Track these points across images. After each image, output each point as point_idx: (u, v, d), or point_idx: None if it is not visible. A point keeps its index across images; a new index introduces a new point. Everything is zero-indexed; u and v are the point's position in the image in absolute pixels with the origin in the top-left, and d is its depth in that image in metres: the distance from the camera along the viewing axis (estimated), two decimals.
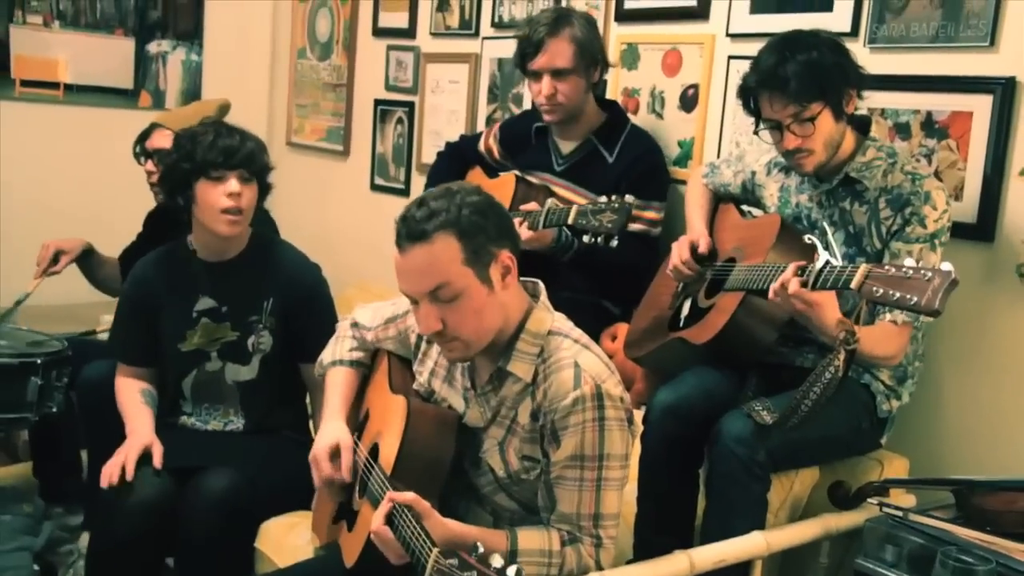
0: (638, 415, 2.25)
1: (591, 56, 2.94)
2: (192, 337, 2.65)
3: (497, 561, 1.47)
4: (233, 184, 2.53)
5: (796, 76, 2.21)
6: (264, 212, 2.87)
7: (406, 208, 1.85)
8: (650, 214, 2.94)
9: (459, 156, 3.39)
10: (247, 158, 2.55)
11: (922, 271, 1.81)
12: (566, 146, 3.09)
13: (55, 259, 3.25)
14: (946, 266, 1.81)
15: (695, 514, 2.37)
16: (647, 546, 2.28)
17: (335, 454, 2.09)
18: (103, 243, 3.46)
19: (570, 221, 2.66)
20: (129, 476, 2.41)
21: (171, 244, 2.76)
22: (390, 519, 1.75)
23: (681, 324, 2.54)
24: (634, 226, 2.89)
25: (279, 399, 2.71)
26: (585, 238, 2.64)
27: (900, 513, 2.10)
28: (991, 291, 2.45)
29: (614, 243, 2.61)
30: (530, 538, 1.84)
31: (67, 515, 3.22)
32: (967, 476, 2.24)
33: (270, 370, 2.67)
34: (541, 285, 2.00)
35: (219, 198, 2.53)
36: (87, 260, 3.35)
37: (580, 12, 3.03)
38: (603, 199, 2.64)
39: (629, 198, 2.60)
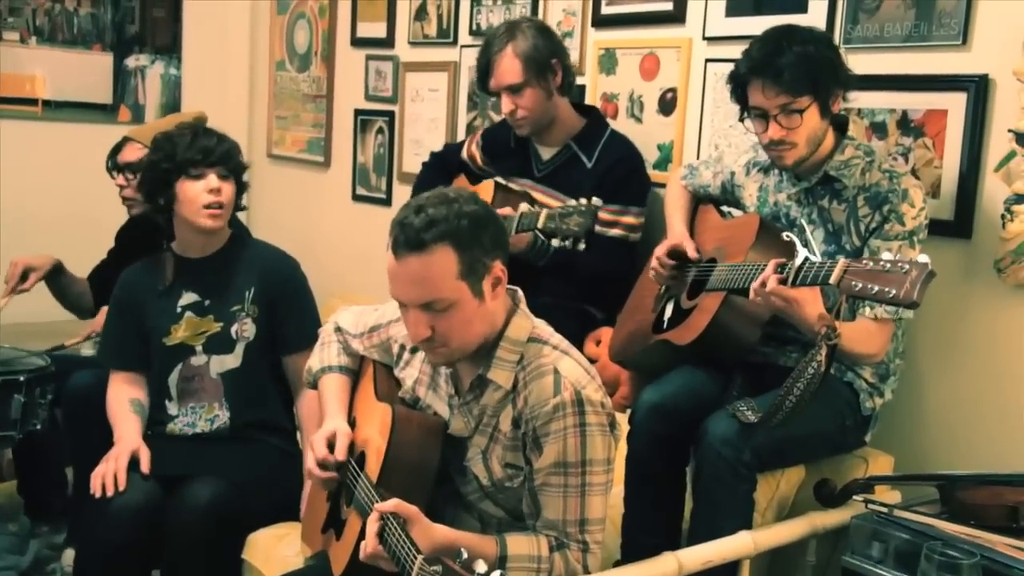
0: (622, 418, 2.26)
1: (541, 65, 2.91)
2: (176, 331, 2.69)
3: (481, 567, 1.46)
4: (213, 180, 2.64)
5: (791, 67, 2.23)
6: (237, 220, 2.89)
7: (403, 213, 1.82)
8: (628, 219, 2.95)
9: (443, 165, 3.39)
10: (224, 155, 2.67)
11: (899, 264, 1.83)
12: (546, 152, 3.10)
13: (24, 276, 3.23)
14: (923, 258, 1.82)
15: (683, 514, 2.38)
16: (635, 547, 2.28)
17: (332, 445, 2.08)
18: (82, 258, 3.45)
19: (540, 225, 2.67)
20: (121, 485, 2.44)
21: (154, 253, 2.80)
22: (379, 530, 1.75)
23: (665, 326, 2.55)
24: (613, 231, 2.91)
25: (263, 389, 2.73)
26: (555, 242, 2.66)
27: (885, 509, 2.11)
28: (970, 287, 2.47)
29: (581, 246, 2.62)
30: (519, 544, 1.84)
31: (53, 533, 3.21)
32: (951, 471, 2.25)
33: (254, 358, 2.70)
34: (520, 292, 2.00)
35: (200, 194, 2.64)
36: (56, 278, 3.33)
37: (529, 21, 3.00)
38: (572, 202, 2.65)
39: (596, 201, 2.61)
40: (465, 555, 1.51)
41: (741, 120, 2.38)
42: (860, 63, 2.59)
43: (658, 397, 2.35)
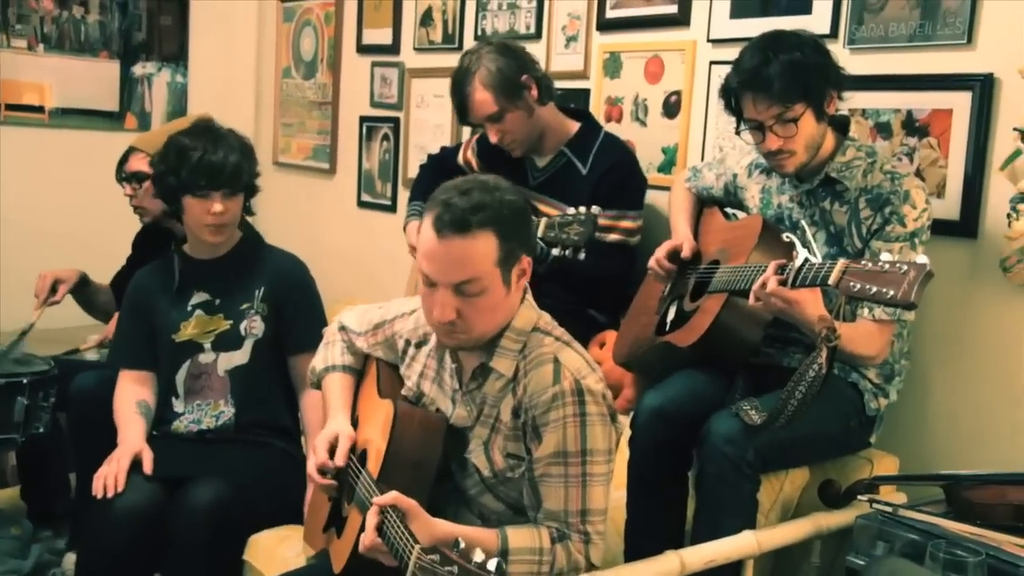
0: (625, 421, 2.24)
1: (512, 86, 2.86)
2: (186, 328, 2.71)
3: (479, 556, 1.46)
4: (217, 205, 2.62)
5: (779, 77, 2.22)
6: (248, 225, 2.89)
7: (445, 192, 1.83)
8: (626, 223, 2.92)
9: (442, 168, 3.38)
10: (233, 176, 2.63)
11: (898, 265, 1.82)
12: (540, 160, 3.07)
13: (53, 289, 3.25)
14: (921, 258, 1.81)
15: (685, 519, 2.36)
16: (638, 552, 2.26)
17: (334, 448, 2.08)
18: (93, 265, 3.46)
19: (540, 234, 2.64)
20: (120, 487, 2.43)
21: (166, 254, 2.82)
22: (378, 523, 1.74)
23: (667, 328, 2.54)
24: (611, 236, 2.88)
25: (269, 388, 2.74)
26: (555, 251, 2.63)
27: (890, 509, 2.09)
28: (976, 287, 2.46)
29: (581, 256, 2.59)
30: (520, 537, 1.83)
31: (55, 538, 3.20)
32: (956, 471, 2.23)
33: (261, 355, 2.71)
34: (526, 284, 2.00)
35: (203, 214, 2.63)
36: (82, 289, 3.36)
37: (489, 45, 2.93)
38: (571, 211, 2.63)
39: (595, 209, 2.59)
40: (463, 544, 1.50)
41: (737, 132, 2.37)
42: (865, 63, 2.59)
43: (659, 401, 2.34)
